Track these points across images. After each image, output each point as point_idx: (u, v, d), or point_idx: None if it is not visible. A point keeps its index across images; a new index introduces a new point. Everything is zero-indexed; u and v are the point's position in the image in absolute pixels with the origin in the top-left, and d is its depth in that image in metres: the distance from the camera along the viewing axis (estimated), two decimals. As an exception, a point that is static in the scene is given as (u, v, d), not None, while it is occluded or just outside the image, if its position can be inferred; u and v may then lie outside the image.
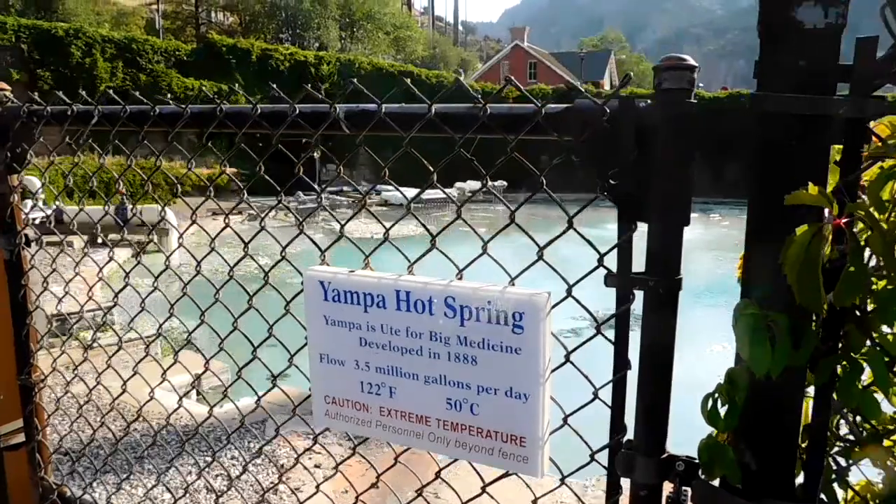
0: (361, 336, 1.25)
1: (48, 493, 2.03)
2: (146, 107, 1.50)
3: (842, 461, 1.03)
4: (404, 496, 1.69)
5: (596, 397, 1.12)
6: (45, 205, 10.82)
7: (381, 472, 1.42)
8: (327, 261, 1.33)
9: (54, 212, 4.91)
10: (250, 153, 1.47)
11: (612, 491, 1.14)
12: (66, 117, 1.63)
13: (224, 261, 1.56)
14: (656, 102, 0.99)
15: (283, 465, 4.05)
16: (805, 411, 1.03)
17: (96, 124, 1.57)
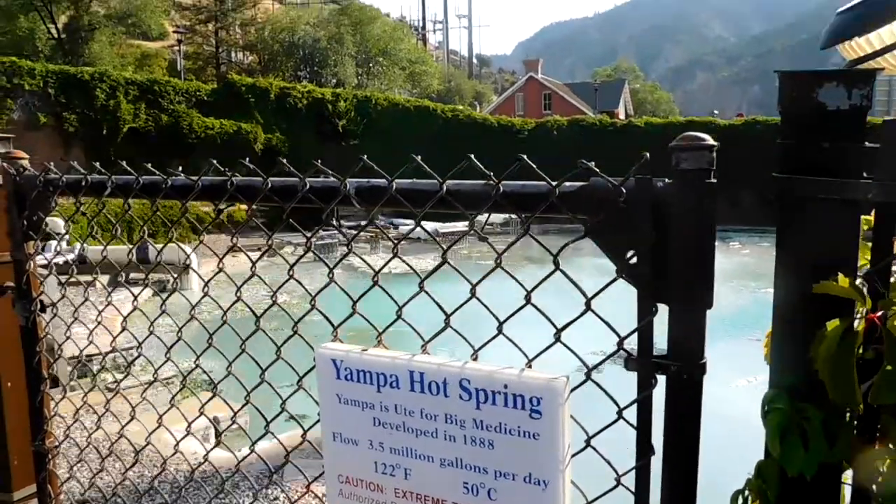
0: (375, 416, 1.22)
1: (61, 561, 1.99)
2: (158, 178, 1.50)
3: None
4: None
5: (619, 483, 1.08)
6: (68, 245, 10.98)
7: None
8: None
9: (78, 255, 4.97)
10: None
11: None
12: (81, 187, 1.64)
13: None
14: (674, 183, 0.96)
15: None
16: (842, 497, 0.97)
17: (110, 195, 1.57)
